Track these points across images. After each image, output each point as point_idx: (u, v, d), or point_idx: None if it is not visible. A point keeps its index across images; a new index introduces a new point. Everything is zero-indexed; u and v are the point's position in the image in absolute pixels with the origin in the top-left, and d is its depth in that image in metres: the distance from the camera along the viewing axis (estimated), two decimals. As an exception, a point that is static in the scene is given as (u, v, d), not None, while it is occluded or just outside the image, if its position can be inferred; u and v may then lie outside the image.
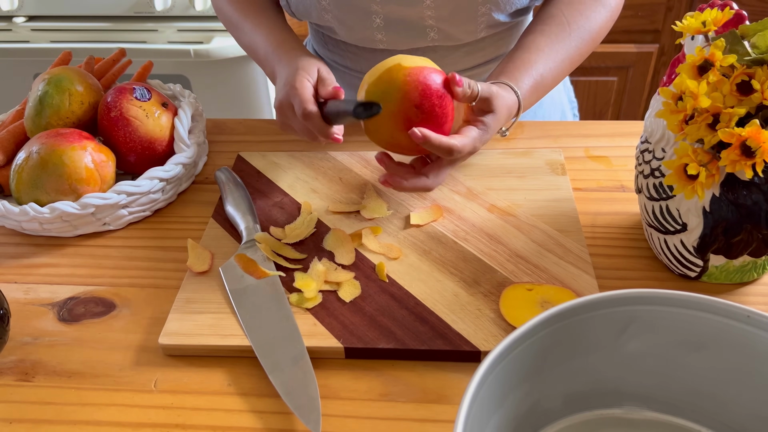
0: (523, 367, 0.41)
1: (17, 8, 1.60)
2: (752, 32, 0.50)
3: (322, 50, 0.89)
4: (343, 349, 0.54)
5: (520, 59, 0.68)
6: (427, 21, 0.74)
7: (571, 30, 0.71)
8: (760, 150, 0.47)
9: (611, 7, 0.74)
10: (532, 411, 0.43)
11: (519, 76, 0.66)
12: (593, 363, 0.44)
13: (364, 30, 0.76)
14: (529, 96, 0.67)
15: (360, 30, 0.77)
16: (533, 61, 0.68)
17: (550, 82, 0.70)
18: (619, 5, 0.76)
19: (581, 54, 0.72)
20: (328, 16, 0.77)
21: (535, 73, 0.67)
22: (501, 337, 0.54)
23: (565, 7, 0.72)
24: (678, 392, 0.44)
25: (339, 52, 0.85)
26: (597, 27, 0.73)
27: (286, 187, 0.73)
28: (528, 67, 0.67)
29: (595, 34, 0.73)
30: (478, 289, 0.59)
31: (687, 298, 0.41)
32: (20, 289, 0.64)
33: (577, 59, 0.72)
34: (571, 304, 0.41)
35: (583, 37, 0.71)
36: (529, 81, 0.66)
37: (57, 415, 0.52)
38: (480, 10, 0.73)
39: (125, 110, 0.72)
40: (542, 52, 0.68)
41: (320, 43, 0.88)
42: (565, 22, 0.71)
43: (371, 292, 0.59)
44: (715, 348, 0.42)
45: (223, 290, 0.60)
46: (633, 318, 0.42)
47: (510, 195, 0.70)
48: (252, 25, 0.76)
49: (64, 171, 0.67)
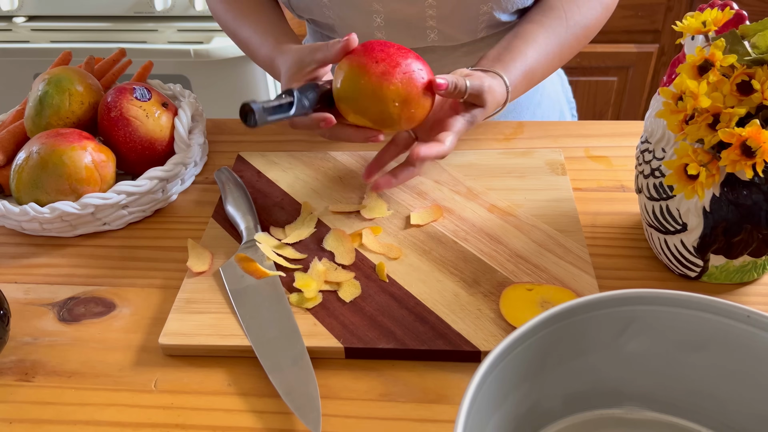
0: (523, 367, 0.41)
1: (17, 8, 1.60)
2: (752, 32, 0.50)
3: None
4: (343, 349, 0.54)
5: (516, 49, 0.68)
6: (428, 21, 0.74)
7: (568, 25, 0.71)
8: (760, 150, 0.47)
9: (606, 5, 0.74)
10: (532, 411, 0.43)
11: (512, 66, 0.66)
12: (593, 363, 0.44)
13: (364, 29, 0.76)
14: (517, 87, 0.67)
15: (360, 29, 0.77)
16: (527, 52, 0.68)
17: (539, 75, 0.70)
18: (613, 3, 0.76)
19: (572, 50, 0.72)
20: (329, 13, 0.77)
21: (526, 65, 0.67)
22: (501, 337, 0.54)
23: (565, 0, 0.72)
24: (678, 392, 0.44)
25: None
26: (591, 23, 0.73)
27: (286, 186, 0.73)
28: (522, 58, 0.67)
29: (588, 31, 0.73)
30: (478, 289, 0.59)
31: (687, 298, 0.41)
32: (20, 289, 0.64)
33: (567, 54, 0.72)
34: (571, 304, 0.41)
35: (576, 33, 0.71)
36: (520, 72, 0.67)
37: (57, 415, 0.52)
38: (481, 8, 0.73)
39: (125, 110, 0.72)
40: (538, 44, 0.68)
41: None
42: (564, 16, 0.71)
43: (371, 292, 0.59)
44: (715, 348, 0.42)
45: (223, 290, 0.60)
46: (633, 318, 0.42)
47: (510, 195, 0.70)
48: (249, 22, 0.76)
49: (64, 171, 0.67)
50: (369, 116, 0.61)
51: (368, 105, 0.59)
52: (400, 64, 0.59)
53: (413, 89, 0.59)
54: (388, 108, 0.59)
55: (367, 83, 0.59)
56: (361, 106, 0.60)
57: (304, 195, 0.72)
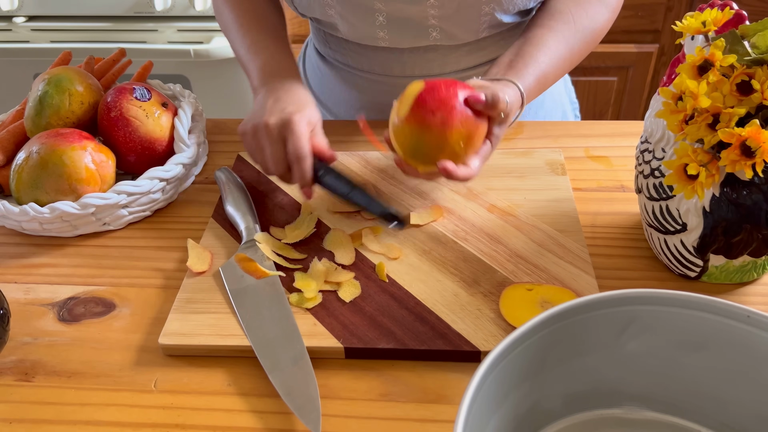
0: (523, 367, 0.41)
1: (17, 8, 1.60)
2: (752, 32, 0.50)
3: (323, 48, 0.89)
4: (343, 349, 0.54)
5: (528, 54, 0.68)
6: (430, 20, 0.74)
7: (576, 29, 0.71)
8: (760, 150, 0.47)
9: (612, 8, 0.75)
10: (532, 411, 0.43)
11: (525, 72, 0.66)
12: (593, 363, 0.44)
13: (367, 27, 0.76)
14: (531, 93, 0.67)
15: (362, 27, 0.77)
16: (540, 58, 0.67)
17: (551, 79, 0.70)
18: (618, 6, 0.76)
19: (581, 53, 0.73)
20: (331, 12, 0.77)
21: (539, 71, 0.67)
22: (501, 337, 0.54)
23: (572, 4, 0.72)
24: (678, 392, 0.44)
25: (340, 50, 0.85)
26: (599, 27, 0.73)
27: (285, 186, 0.73)
28: (534, 64, 0.67)
29: (596, 34, 0.73)
30: (478, 289, 0.59)
31: (687, 298, 0.41)
32: (20, 289, 0.64)
33: (577, 58, 0.72)
34: (571, 304, 0.41)
35: (585, 36, 0.72)
36: (533, 78, 0.66)
37: (57, 415, 0.52)
38: (484, 9, 0.73)
39: (125, 110, 0.72)
40: (549, 49, 0.68)
41: (321, 42, 0.88)
42: (572, 20, 0.71)
43: (371, 292, 0.59)
44: (715, 348, 0.42)
45: (223, 290, 0.60)
46: (633, 318, 0.42)
47: (510, 195, 0.70)
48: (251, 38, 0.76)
49: (64, 171, 0.67)
50: (438, 161, 0.61)
51: (436, 155, 0.59)
52: (455, 106, 0.58)
53: (471, 125, 0.59)
54: (455, 150, 0.59)
55: (431, 139, 0.58)
56: (430, 158, 0.60)
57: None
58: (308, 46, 0.96)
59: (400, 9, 0.74)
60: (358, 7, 0.75)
